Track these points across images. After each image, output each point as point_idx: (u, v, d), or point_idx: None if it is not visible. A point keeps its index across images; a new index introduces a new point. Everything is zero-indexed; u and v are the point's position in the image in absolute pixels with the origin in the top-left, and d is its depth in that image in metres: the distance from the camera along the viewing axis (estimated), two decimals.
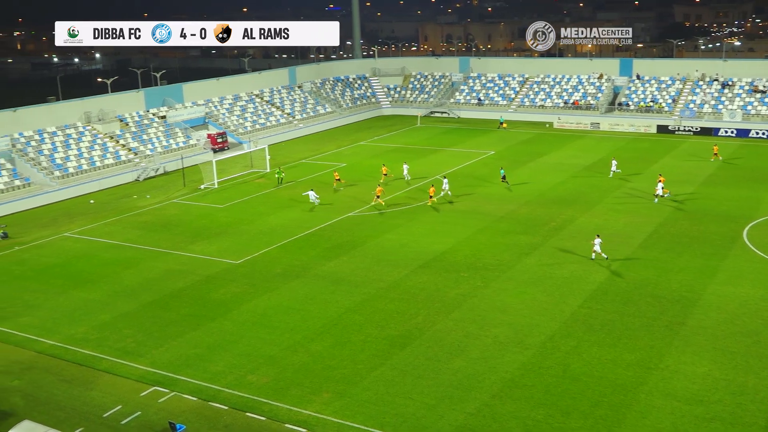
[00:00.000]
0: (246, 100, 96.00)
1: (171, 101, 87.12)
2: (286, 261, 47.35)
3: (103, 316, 40.23)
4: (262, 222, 56.33)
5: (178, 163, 74.17)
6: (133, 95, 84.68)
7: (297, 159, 78.86)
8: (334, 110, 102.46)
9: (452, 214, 55.86)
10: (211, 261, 48.05)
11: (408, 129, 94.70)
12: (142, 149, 77.55)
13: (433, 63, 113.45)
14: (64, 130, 75.53)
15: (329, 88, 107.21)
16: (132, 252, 50.76)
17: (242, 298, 41.65)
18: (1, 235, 55.19)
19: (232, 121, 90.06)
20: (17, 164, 68.91)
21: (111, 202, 65.35)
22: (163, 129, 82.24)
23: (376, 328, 37.11)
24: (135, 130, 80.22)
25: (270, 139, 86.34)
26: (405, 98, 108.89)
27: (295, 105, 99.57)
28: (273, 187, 66.34)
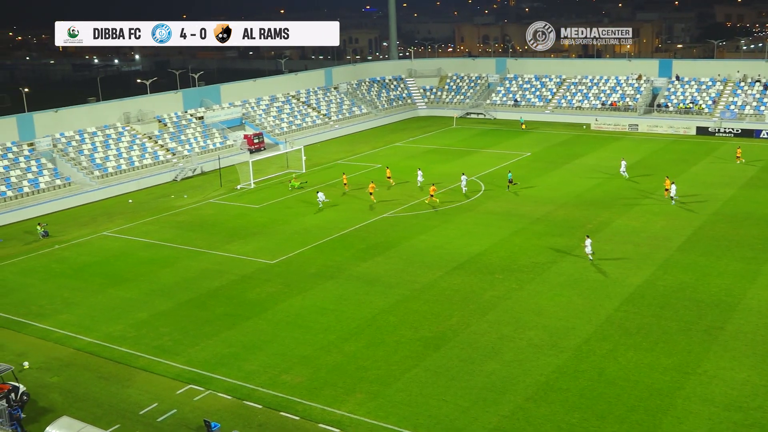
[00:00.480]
0: (282, 101, 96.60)
1: (208, 102, 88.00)
2: (320, 261, 47.53)
3: (140, 314, 40.77)
4: (298, 222, 56.62)
5: (215, 164, 74.90)
6: (172, 96, 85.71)
7: (332, 160, 79.11)
8: (369, 111, 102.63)
9: (487, 216, 55.62)
10: (246, 261, 48.43)
11: (443, 130, 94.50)
12: (179, 149, 78.46)
13: (469, 64, 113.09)
14: (103, 131, 76.71)
15: (365, 89, 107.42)
16: (169, 251, 51.37)
17: (277, 298, 41.91)
18: (42, 233, 56.24)
19: (269, 122, 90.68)
20: (58, 164, 70.15)
21: (149, 201, 66.21)
22: (201, 129, 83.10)
23: (410, 330, 37.08)
24: (173, 131, 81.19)
25: (306, 140, 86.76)
26: (441, 99, 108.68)
27: (331, 106, 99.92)
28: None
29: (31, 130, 71.26)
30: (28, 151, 69.67)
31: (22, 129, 70.76)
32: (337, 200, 61.52)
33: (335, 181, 68.42)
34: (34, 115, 72.43)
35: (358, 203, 60.59)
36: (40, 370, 34.72)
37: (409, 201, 60.50)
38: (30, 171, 67.32)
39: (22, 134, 70.68)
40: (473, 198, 60.54)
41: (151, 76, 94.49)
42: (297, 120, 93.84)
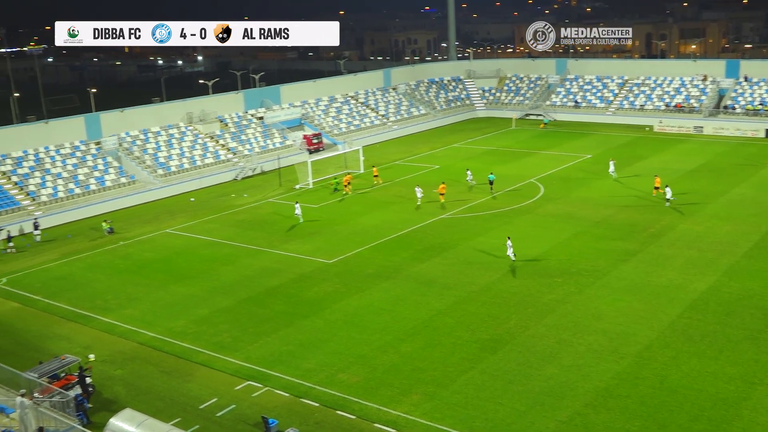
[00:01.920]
0: (341, 101, 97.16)
1: (269, 102, 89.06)
2: (378, 262, 47.66)
3: (201, 310, 41.49)
4: (355, 222, 56.87)
5: (275, 163, 75.75)
6: (233, 97, 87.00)
7: (391, 160, 79.25)
8: (428, 112, 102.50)
9: (546, 219, 55.01)
10: (304, 260, 48.86)
11: (502, 131, 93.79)
12: (240, 149, 79.60)
13: (529, 65, 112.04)
14: (167, 130, 78.31)
15: (423, 90, 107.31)
16: (229, 249, 52.15)
17: (334, 298, 42.17)
18: (107, 230, 57.68)
19: (328, 123, 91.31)
20: (123, 162, 71.87)
21: (210, 200, 67.34)
22: (261, 130, 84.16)
23: (467, 332, 36.91)
24: (234, 131, 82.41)
25: (364, 141, 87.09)
26: (500, 100, 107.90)
27: (390, 107, 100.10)
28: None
29: (98, 129, 73.19)
30: (95, 149, 71.56)
31: (89, 128, 72.75)
32: (389, 198, 61.59)
33: (388, 183, 68.50)
34: (101, 115, 74.37)
35: (414, 204, 60.54)
36: (104, 363, 35.61)
37: (467, 202, 60.24)
38: (96, 169, 69.13)
39: (89, 133, 72.66)
40: (533, 200, 59.97)
41: (213, 77, 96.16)
42: (355, 120, 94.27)
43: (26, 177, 65.29)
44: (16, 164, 66.22)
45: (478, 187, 64.25)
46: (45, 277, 48.81)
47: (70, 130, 71.59)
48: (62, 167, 67.70)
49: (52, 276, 48.88)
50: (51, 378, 31.71)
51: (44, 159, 67.96)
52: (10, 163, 66.01)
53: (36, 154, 68.12)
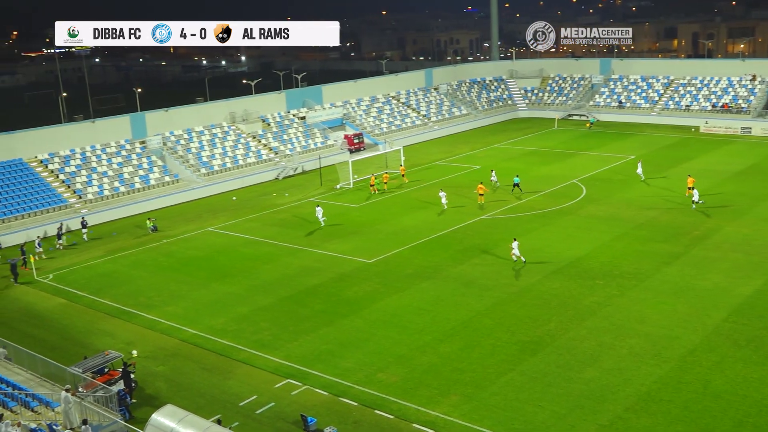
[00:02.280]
0: (383, 101, 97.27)
1: (310, 102, 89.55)
2: (417, 262, 47.63)
3: (241, 308, 41.89)
4: (395, 222, 56.91)
5: (316, 163, 76.15)
6: (275, 96, 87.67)
7: (431, 161, 79.12)
8: (469, 112, 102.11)
9: (589, 220, 54.43)
10: (344, 259, 49.03)
11: (544, 132, 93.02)
12: (282, 149, 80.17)
13: (572, 65, 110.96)
14: (210, 130, 79.22)
15: (465, 90, 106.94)
16: (270, 248, 52.56)
17: (374, 297, 42.25)
18: (151, 228, 58.57)
19: (369, 123, 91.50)
20: (167, 161, 72.89)
21: (251, 199, 67.95)
22: (303, 129, 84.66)
23: (507, 333, 36.69)
24: (276, 130, 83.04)
25: (405, 141, 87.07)
26: (542, 100, 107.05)
27: (431, 107, 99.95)
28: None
29: (143, 128, 74.37)
30: (140, 148, 72.71)
31: (135, 127, 73.97)
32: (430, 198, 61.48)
33: (430, 184, 68.42)
34: (146, 115, 75.54)
35: (456, 204, 60.37)
36: (147, 359, 36.16)
37: (507, 203, 59.88)
38: (141, 168, 70.22)
39: (135, 132, 73.86)
40: (575, 201, 59.39)
41: (255, 77, 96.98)
42: (397, 120, 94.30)
43: (73, 175, 66.61)
44: (64, 163, 67.60)
45: (522, 187, 63.80)
46: (90, 273, 49.75)
47: (116, 129, 72.87)
48: (108, 166, 68.92)
49: (97, 273, 49.79)
50: (95, 373, 32.30)
51: (90, 158, 69.25)
52: (57, 162, 67.40)
53: (83, 153, 69.46)
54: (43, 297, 45.98)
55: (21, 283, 48.54)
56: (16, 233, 57.89)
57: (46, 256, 53.31)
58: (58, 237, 55.99)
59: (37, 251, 52.98)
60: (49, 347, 37.76)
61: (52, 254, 54.04)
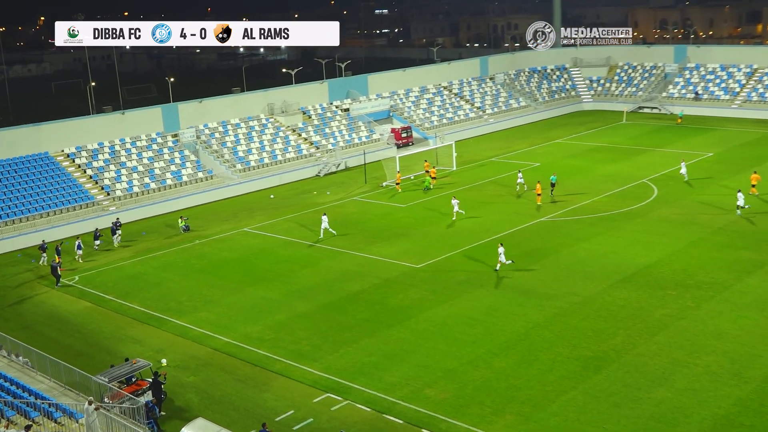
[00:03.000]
0: (433, 92, 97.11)
1: (355, 93, 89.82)
2: (470, 267, 47.39)
3: (278, 315, 42.14)
4: (446, 224, 56.71)
5: (360, 159, 76.35)
6: (317, 87, 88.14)
7: (485, 157, 78.71)
8: (528, 104, 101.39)
9: (660, 224, 53.57)
10: (390, 263, 49.01)
11: (611, 126, 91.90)
12: (323, 143, 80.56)
13: (643, 52, 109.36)
14: (247, 122, 79.98)
15: (524, 80, 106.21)
16: (309, 250, 52.80)
17: (422, 305, 42.14)
18: (183, 227, 59.27)
19: (418, 115, 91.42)
20: (201, 156, 73.79)
21: (290, 197, 68.37)
22: (346, 122, 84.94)
23: (568, 347, 36.28)
24: (317, 123, 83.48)
25: (457, 135, 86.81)
26: (609, 91, 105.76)
27: (486, 98, 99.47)
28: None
29: (175, 120, 75.43)
30: (172, 142, 73.72)
31: (167, 119, 75.05)
32: (484, 198, 61.12)
33: (482, 182, 68.08)
34: (178, 106, 76.59)
35: (513, 205, 59.98)
36: (177, 369, 36.58)
37: (570, 204, 59.27)
38: (173, 163, 71.19)
39: (166, 125, 74.94)
40: (644, 203, 58.52)
41: (296, 66, 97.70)
42: (448, 113, 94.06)
43: (101, 170, 67.80)
44: (91, 157, 68.86)
45: (586, 186, 63.11)
46: (118, 275, 50.56)
47: (147, 121, 74.03)
48: (138, 160, 70.02)
49: (125, 275, 50.59)
50: (121, 383, 32.76)
51: (119, 152, 70.43)
52: (85, 156, 68.69)
53: (111, 147, 70.68)
54: (68, 300, 46.86)
55: (47, 285, 49.55)
56: (39, 232, 59.06)
57: (84, 260, 53.90)
58: (95, 238, 56.68)
59: (78, 253, 53.73)
60: (74, 354, 38.45)
61: (89, 257, 54.65)
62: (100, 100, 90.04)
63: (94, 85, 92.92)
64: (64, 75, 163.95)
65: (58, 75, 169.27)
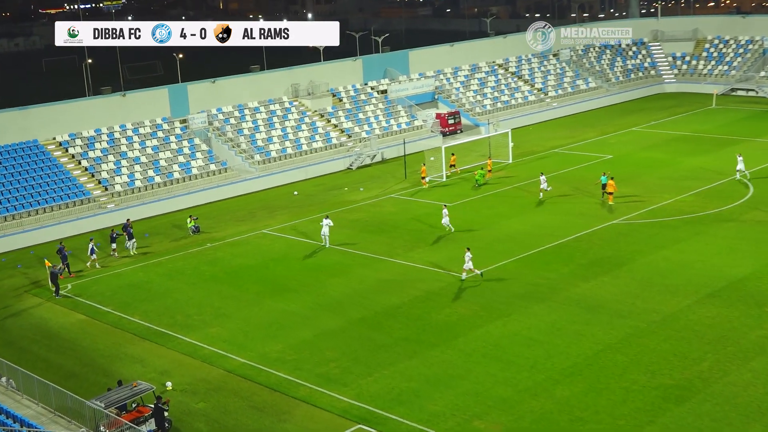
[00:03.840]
0: (486, 71, 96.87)
1: (394, 72, 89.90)
2: (528, 278, 47.23)
3: (302, 332, 42.28)
4: (501, 227, 56.58)
5: (400, 149, 76.38)
6: (349, 65, 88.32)
7: (547, 148, 78.36)
8: (599, 86, 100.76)
9: (756, 228, 53.02)
10: (434, 273, 48.98)
11: (698, 111, 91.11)
12: (357, 131, 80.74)
13: (737, 24, 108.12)
14: (267, 106, 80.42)
15: (594, 56, 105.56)
16: (339, 256, 52.95)
17: (471, 323, 42.04)
18: (192, 228, 59.69)
19: (468, 98, 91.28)
20: (214, 145, 74.33)
21: (318, 194, 68.61)
22: (383, 106, 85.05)
23: (645, 374, 35.99)
24: (350, 107, 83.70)
25: (514, 122, 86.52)
26: (696, 70, 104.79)
27: (549, 78, 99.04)
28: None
29: (184, 104, 76.07)
30: (180, 129, 74.36)
31: (174, 103, 75.71)
32: (544, 196, 60.88)
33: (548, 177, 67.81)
34: (188, 87, 77.20)
35: (580, 204, 59.65)
36: (184, 393, 36.87)
37: (648, 204, 58.80)
38: (181, 153, 71.79)
39: (174, 109, 75.58)
40: (737, 203, 57.87)
41: None
42: (504, 96, 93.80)
43: (98, 161, 68.56)
44: (87, 146, 69.68)
45: (667, 183, 62.57)
46: (116, 284, 51.12)
47: (152, 104, 74.74)
48: (141, 150, 70.72)
49: (124, 283, 51.12)
50: (120, 409, 33.07)
51: (120, 140, 71.18)
52: (80, 145, 69.53)
53: (110, 134, 71.46)
54: (59, 312, 47.46)
55: (35, 295, 50.23)
56: (26, 233, 59.88)
57: (101, 264, 54.40)
58: (111, 240, 56.10)
59: (92, 258, 54.19)
60: (65, 375, 38.94)
61: (106, 262, 55.22)
62: (97, 80, 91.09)
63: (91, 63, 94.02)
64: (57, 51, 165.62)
65: (50, 51, 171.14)
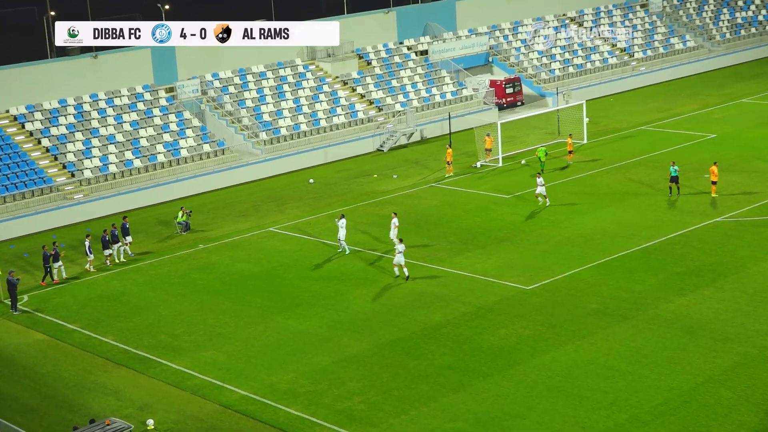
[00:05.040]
0: (554, 26, 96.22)
1: (437, 28, 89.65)
2: (606, 291, 46.99)
3: (319, 358, 42.18)
4: (572, 224, 56.42)
5: (443, 126, 76.21)
6: (380, 18, 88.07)
7: (633, 124, 78.03)
8: (699, 45, 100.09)
9: None
10: (486, 283, 48.86)
11: None
12: (389, 102, 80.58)
13: None
14: (276, 71, 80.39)
15: (693, 7, 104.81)
16: (366, 262, 52.96)
17: (533, 347, 41.80)
18: (181, 225, 59.69)
19: (530, 61, 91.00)
20: (208, 121, 74.43)
21: (339, 182, 68.68)
22: (423, 71, 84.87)
23: (756, 414, 35.72)
24: (380, 72, 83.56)
25: (590, 91, 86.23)
26: None
27: (635, 35, 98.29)
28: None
29: (171, 67, 76.10)
30: (166, 99, 74.51)
31: (158, 66, 75.78)
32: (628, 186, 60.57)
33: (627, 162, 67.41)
34: (176, 46, 77.03)
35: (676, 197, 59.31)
36: None
37: (762, 197, 58.37)
38: (167, 130, 71.94)
39: (158, 74, 75.64)
40: None
41: None
42: (577, 58, 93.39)
43: (63, 140, 68.83)
44: (49, 121, 70.00)
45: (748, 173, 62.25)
46: (85, 295, 51.34)
47: (130, 68, 74.80)
48: (116, 127, 70.90)
49: (95, 294, 51.31)
50: None
51: (90, 113, 71.43)
52: (40, 119, 69.87)
53: (78, 106, 71.73)
54: (14, 331, 47.63)
55: None
56: None
57: (95, 267, 54.82)
58: (104, 246, 55.33)
59: (89, 258, 54.59)
60: (21, 409, 39.08)
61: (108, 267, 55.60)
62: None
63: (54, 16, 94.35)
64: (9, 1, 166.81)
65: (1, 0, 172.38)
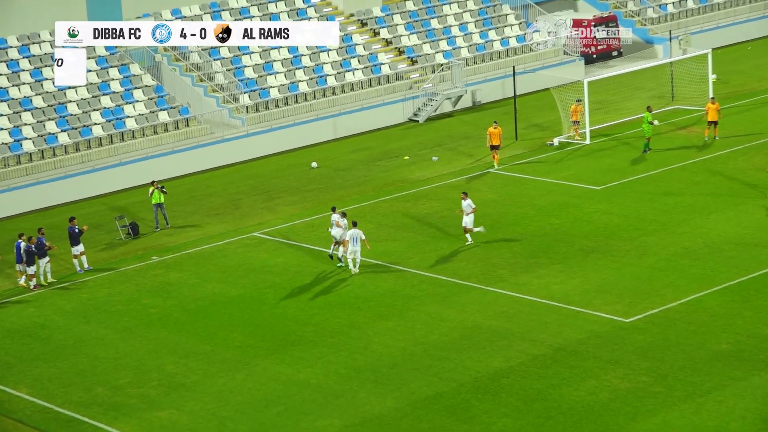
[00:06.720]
0: None
1: None
2: (741, 326, 46.82)
3: (325, 421, 41.91)
4: (691, 229, 56.50)
5: (505, 86, 76.08)
6: None
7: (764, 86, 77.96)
8: None
9: None
10: (567, 313, 48.78)
11: None
12: (426, 52, 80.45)
13: None
14: (264, 6, 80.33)
15: None
16: (396, 278, 52.88)
17: (635, 406, 41.55)
18: (125, 228, 59.67)
19: None
20: (165, 78, 74.38)
21: (354, 166, 68.72)
22: (476, 7, 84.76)
23: None
24: (414, 9, 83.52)
25: (717, 37, 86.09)
26: None
27: None
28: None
29: (114, 3, 76.08)
30: (105, 48, 74.40)
31: (94, 2, 75.69)
32: None
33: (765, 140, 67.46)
34: None
35: None
36: None
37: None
38: (107, 91, 71.96)
39: (93, 12, 75.51)
40: None
41: None
42: None
43: None
44: None
45: None
46: None
47: (54, 3, 74.76)
48: (34, 86, 70.91)
49: (2, 327, 51.17)
50: None
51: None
52: None
53: None
54: None
55: None
56: None
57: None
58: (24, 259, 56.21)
59: (25, 270, 55.31)
60: None
61: None
62: None
63: None
64: None
65: None
